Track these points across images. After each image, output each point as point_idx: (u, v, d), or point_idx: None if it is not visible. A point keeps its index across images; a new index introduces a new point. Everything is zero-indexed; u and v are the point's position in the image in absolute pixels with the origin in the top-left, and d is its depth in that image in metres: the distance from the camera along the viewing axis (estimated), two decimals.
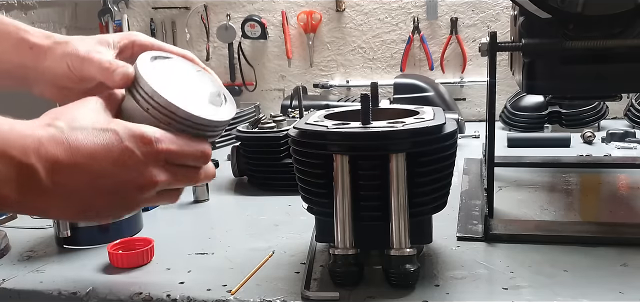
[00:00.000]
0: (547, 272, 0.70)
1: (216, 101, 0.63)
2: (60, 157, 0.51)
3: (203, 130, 0.60)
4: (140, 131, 0.55)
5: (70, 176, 0.51)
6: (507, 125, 1.69)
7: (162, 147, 0.56)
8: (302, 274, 0.72)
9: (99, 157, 0.53)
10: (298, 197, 0.74)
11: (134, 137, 0.54)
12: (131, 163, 0.54)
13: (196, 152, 0.59)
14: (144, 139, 0.55)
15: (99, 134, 0.53)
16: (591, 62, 0.83)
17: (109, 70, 0.61)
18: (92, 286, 0.71)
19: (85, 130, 0.53)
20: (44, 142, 0.51)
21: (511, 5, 0.93)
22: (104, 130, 0.54)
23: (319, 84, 2.12)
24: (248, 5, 2.15)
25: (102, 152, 0.53)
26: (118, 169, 0.54)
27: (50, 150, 0.50)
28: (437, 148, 0.67)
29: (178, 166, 0.59)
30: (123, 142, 0.54)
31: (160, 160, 0.56)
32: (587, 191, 1.14)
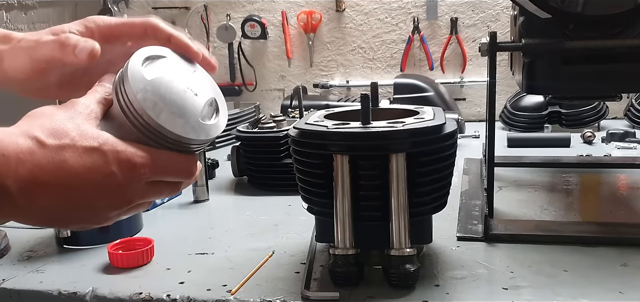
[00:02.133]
0: (547, 272, 0.70)
1: (208, 113, 0.61)
2: (40, 177, 0.48)
3: (192, 147, 0.58)
4: (126, 156, 0.52)
5: (47, 195, 0.49)
6: (507, 125, 1.69)
7: (145, 171, 0.53)
8: (302, 274, 0.72)
9: (82, 178, 0.50)
10: (298, 197, 0.74)
11: (120, 162, 0.52)
12: (111, 186, 0.52)
13: (181, 171, 0.57)
14: (130, 163, 0.52)
15: (86, 154, 0.50)
16: (591, 62, 0.83)
17: (66, 44, 0.57)
18: (92, 286, 0.71)
19: (72, 148, 0.50)
20: (24, 161, 0.48)
21: (511, 5, 0.93)
22: (92, 151, 0.51)
23: (319, 84, 2.12)
24: (248, 5, 2.15)
25: (86, 174, 0.50)
26: (97, 191, 0.51)
27: (30, 169, 0.48)
28: (437, 148, 0.67)
29: (159, 182, 0.56)
30: (109, 167, 0.51)
31: (141, 182, 0.54)
32: (587, 191, 1.14)
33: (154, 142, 0.54)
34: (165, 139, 0.55)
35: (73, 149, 0.50)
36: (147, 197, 0.56)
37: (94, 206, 0.52)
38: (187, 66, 0.63)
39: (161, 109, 0.56)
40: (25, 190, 0.48)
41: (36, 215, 0.51)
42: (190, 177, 0.58)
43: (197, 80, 0.63)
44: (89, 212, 0.53)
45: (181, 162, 0.57)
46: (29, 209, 0.49)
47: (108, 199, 0.53)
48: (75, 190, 0.50)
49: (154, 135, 0.55)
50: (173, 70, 0.61)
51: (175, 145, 0.56)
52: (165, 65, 0.61)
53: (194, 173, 0.58)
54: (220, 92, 0.64)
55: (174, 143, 0.56)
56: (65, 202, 0.50)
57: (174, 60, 0.63)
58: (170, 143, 0.56)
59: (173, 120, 0.56)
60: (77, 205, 0.51)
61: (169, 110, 0.57)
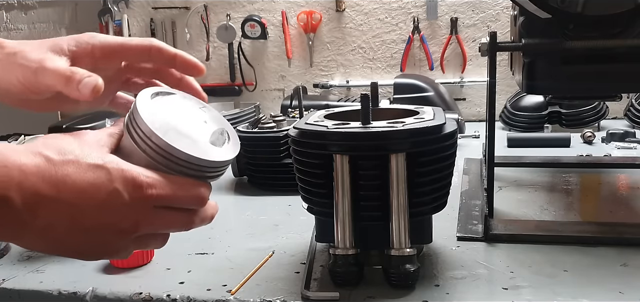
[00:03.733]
0: (547, 272, 0.70)
1: (218, 140, 0.60)
2: (44, 190, 0.48)
3: (203, 171, 0.57)
4: (132, 175, 0.51)
5: (50, 211, 0.48)
6: (507, 125, 1.69)
7: (152, 192, 0.52)
8: (302, 274, 0.72)
9: (86, 196, 0.49)
10: (298, 197, 0.74)
11: (125, 180, 0.51)
12: (116, 206, 0.50)
13: (191, 197, 0.55)
14: (136, 183, 0.51)
15: (89, 171, 0.50)
16: (591, 62, 0.83)
17: (72, 80, 0.55)
18: (92, 286, 0.71)
19: (76, 164, 0.50)
20: (27, 173, 0.47)
21: (511, 5, 0.93)
22: (95, 167, 0.50)
23: (319, 84, 2.12)
24: (248, 5, 2.15)
25: (89, 190, 0.49)
26: (101, 211, 0.50)
27: (34, 182, 0.47)
28: (437, 148, 0.67)
29: (168, 210, 0.55)
30: (113, 184, 0.50)
31: (147, 205, 0.52)
32: (587, 191, 1.14)
33: (163, 167, 0.54)
34: (174, 161, 0.54)
35: (77, 164, 0.50)
36: (156, 225, 0.54)
37: (99, 228, 0.51)
38: (196, 102, 0.64)
39: (169, 129, 0.56)
40: (28, 204, 0.47)
41: (41, 235, 0.49)
42: (201, 204, 0.57)
43: (207, 113, 0.63)
44: (95, 237, 0.51)
45: (191, 188, 0.55)
46: (33, 226, 0.48)
47: (113, 221, 0.51)
48: (79, 207, 0.49)
49: (163, 157, 0.54)
50: (182, 101, 0.63)
51: (186, 168, 0.55)
52: (174, 98, 0.62)
53: (205, 200, 0.56)
54: (230, 126, 0.63)
55: (183, 166, 0.55)
56: (69, 220, 0.49)
57: (182, 96, 0.64)
58: (180, 166, 0.55)
59: (181, 141, 0.56)
60: (82, 226, 0.50)
61: (177, 131, 0.57)
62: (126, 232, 0.52)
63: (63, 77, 0.56)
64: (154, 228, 0.54)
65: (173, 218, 0.55)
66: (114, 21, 2.19)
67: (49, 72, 0.57)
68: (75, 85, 0.55)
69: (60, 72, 0.56)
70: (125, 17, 2.20)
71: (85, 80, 0.55)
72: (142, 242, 0.55)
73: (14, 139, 1.47)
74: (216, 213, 0.60)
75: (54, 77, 0.57)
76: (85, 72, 0.56)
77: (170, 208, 0.55)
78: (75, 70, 0.56)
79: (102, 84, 0.55)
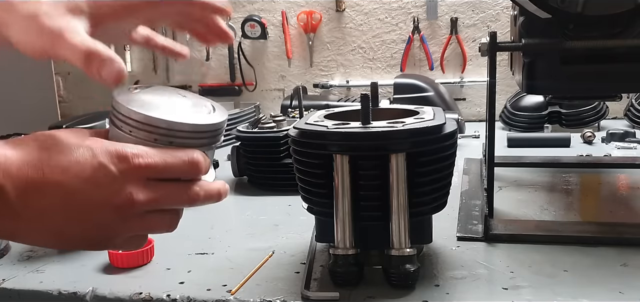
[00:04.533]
0: (547, 272, 0.70)
1: (202, 110, 0.60)
2: (30, 174, 0.47)
3: (190, 138, 0.55)
4: (115, 148, 0.50)
5: (39, 194, 0.47)
6: (507, 125, 1.69)
7: (139, 161, 0.50)
8: (302, 274, 0.72)
9: (71, 173, 0.48)
10: (298, 197, 0.74)
11: (109, 153, 0.50)
12: (105, 181, 0.49)
13: (183, 163, 0.53)
14: (120, 155, 0.50)
15: (71, 150, 0.49)
16: (591, 62, 0.83)
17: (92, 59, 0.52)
18: (92, 286, 0.71)
19: (57, 147, 0.49)
20: (12, 160, 0.47)
21: (511, 5, 0.93)
22: (77, 147, 0.50)
23: (319, 84, 2.12)
24: (248, 5, 2.15)
25: (74, 167, 0.48)
26: (90, 187, 0.49)
27: (19, 167, 0.47)
28: (437, 148, 0.67)
29: (164, 183, 0.53)
30: (97, 159, 0.49)
31: (139, 177, 0.51)
32: (587, 191, 1.14)
33: (151, 143, 0.53)
34: (158, 133, 0.53)
35: (58, 147, 0.49)
36: (154, 198, 0.52)
37: (93, 207, 0.50)
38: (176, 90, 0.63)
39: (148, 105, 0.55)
40: (18, 190, 0.46)
41: (38, 225, 0.49)
42: (196, 170, 0.54)
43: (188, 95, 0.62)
44: (91, 219, 0.50)
45: (181, 154, 0.53)
46: (27, 216, 0.47)
47: (104, 196, 0.49)
48: (66, 187, 0.48)
49: (147, 132, 0.53)
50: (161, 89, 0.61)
51: (172, 138, 0.54)
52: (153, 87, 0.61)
53: (199, 164, 0.54)
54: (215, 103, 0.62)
55: (169, 136, 0.54)
56: (60, 202, 0.48)
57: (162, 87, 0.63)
58: (165, 137, 0.53)
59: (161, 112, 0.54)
60: (75, 207, 0.49)
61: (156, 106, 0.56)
62: (122, 208, 0.50)
63: (83, 54, 0.53)
64: (153, 203, 0.52)
65: (171, 190, 0.53)
66: None
67: (68, 46, 0.53)
68: (96, 68, 0.52)
69: (81, 50, 0.53)
70: None
71: (108, 68, 0.52)
72: (146, 222, 0.53)
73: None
74: (226, 191, 0.56)
75: (73, 53, 0.53)
76: (107, 53, 0.53)
77: (166, 181, 0.52)
78: (95, 50, 0.52)
79: (126, 72, 0.53)
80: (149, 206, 0.52)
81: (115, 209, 0.50)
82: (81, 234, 0.51)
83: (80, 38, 0.54)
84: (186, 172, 0.53)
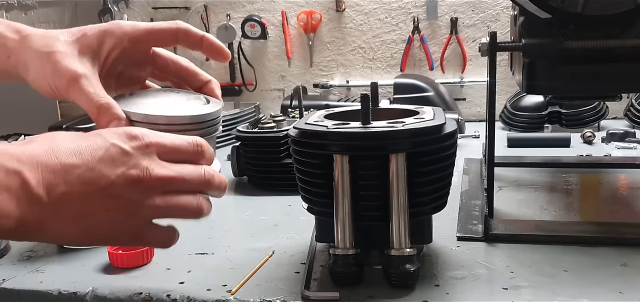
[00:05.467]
0: (547, 272, 0.70)
1: (197, 103, 0.62)
2: (45, 160, 0.48)
3: (191, 129, 0.58)
4: (124, 130, 0.52)
5: (58, 178, 0.48)
6: (507, 125, 1.69)
7: (149, 140, 0.52)
8: (302, 274, 0.72)
9: (85, 155, 0.49)
10: (298, 197, 0.74)
11: (118, 134, 0.52)
12: (120, 157, 0.50)
13: (188, 144, 0.55)
14: (130, 134, 0.52)
15: (81, 138, 0.51)
16: (591, 62, 0.83)
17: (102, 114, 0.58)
18: (92, 286, 0.71)
19: (66, 136, 0.51)
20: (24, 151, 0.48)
21: (511, 5, 0.93)
22: (86, 136, 0.51)
23: (319, 84, 2.12)
24: (248, 5, 2.15)
25: (86, 150, 0.50)
26: (106, 164, 0.50)
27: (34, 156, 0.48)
28: (437, 148, 0.67)
29: (176, 164, 0.54)
30: (108, 139, 0.51)
31: (151, 153, 0.52)
32: (587, 191, 1.14)
33: None
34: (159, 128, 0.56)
35: (68, 137, 0.50)
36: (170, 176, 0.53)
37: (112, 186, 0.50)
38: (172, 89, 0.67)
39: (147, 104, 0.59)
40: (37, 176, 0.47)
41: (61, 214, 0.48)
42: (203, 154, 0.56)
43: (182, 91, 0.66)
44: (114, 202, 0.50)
45: (185, 137, 0.55)
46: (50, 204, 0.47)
47: (122, 172, 0.50)
48: (84, 167, 0.49)
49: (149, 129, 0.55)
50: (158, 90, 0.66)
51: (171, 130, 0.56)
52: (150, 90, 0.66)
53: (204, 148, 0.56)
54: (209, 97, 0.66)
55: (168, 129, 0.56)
56: (80, 185, 0.49)
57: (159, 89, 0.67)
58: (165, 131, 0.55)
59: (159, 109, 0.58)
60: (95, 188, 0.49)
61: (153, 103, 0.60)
62: (141, 181, 0.51)
63: (95, 107, 0.57)
64: (169, 180, 0.53)
65: (183, 169, 0.54)
66: None
67: (82, 94, 0.58)
68: (106, 119, 0.57)
69: (93, 101, 0.57)
70: (125, 17, 2.20)
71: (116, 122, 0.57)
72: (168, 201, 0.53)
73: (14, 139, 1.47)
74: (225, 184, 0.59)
75: (85, 102, 0.58)
76: (116, 110, 0.58)
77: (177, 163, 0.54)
78: (107, 105, 0.57)
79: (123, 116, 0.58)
80: (166, 183, 0.53)
81: (134, 183, 0.51)
82: (106, 218, 0.51)
83: (94, 89, 0.58)
84: (192, 153, 0.55)
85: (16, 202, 0.46)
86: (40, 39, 0.60)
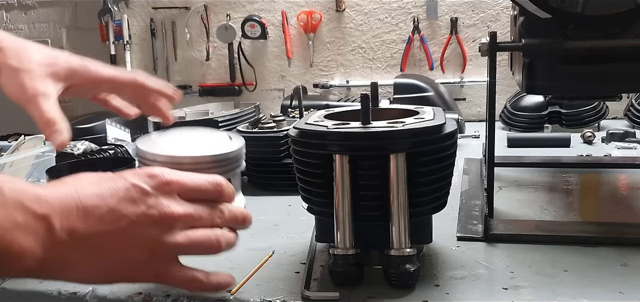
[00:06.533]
0: (547, 272, 0.70)
1: (219, 141, 0.65)
2: (68, 203, 0.50)
3: (214, 167, 0.62)
4: (144, 170, 0.54)
5: (80, 220, 0.50)
6: (507, 125, 1.69)
7: (169, 178, 0.54)
8: (302, 274, 0.72)
9: (106, 196, 0.51)
10: (298, 197, 0.74)
11: (138, 174, 0.54)
12: (140, 197, 0.52)
13: (207, 182, 0.57)
14: (150, 174, 0.54)
15: (102, 179, 0.53)
16: (591, 62, 0.83)
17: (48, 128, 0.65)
18: (92, 286, 0.71)
19: (90, 178, 0.53)
20: (49, 193, 0.50)
21: (511, 5, 0.93)
22: (109, 177, 0.53)
23: (319, 84, 2.12)
24: (248, 5, 2.15)
25: (107, 191, 0.52)
26: (126, 204, 0.52)
27: (58, 199, 0.50)
28: (437, 148, 0.67)
29: (195, 202, 0.56)
30: (128, 180, 0.53)
31: (171, 192, 0.54)
32: (587, 191, 1.14)
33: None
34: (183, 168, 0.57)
35: (89, 179, 0.53)
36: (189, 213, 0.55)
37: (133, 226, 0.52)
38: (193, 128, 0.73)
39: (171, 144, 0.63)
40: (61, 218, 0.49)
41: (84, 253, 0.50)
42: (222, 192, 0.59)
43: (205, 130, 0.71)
44: (136, 242, 0.52)
45: (204, 176, 0.58)
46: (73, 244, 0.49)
47: (142, 212, 0.52)
48: (105, 208, 0.51)
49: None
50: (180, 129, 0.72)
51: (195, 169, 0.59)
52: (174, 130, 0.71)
53: (223, 187, 0.59)
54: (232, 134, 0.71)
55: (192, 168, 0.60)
56: (102, 225, 0.50)
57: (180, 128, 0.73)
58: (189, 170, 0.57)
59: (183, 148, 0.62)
60: (117, 229, 0.51)
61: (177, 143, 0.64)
62: (162, 220, 0.53)
63: (44, 121, 0.66)
64: (189, 217, 0.55)
65: (202, 207, 0.56)
66: (114, 21, 2.19)
67: (37, 110, 0.66)
68: (50, 133, 0.66)
69: (44, 117, 0.66)
70: (125, 17, 2.20)
71: (58, 134, 0.65)
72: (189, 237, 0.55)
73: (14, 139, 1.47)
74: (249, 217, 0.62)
75: (37, 115, 0.66)
76: (61, 125, 0.66)
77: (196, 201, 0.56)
78: (53, 120, 0.66)
79: (68, 141, 0.67)
80: (186, 220, 0.55)
81: (156, 223, 0.53)
82: (128, 257, 0.53)
83: (47, 105, 0.66)
84: (212, 191, 0.58)
85: (41, 245, 0.48)
86: (14, 54, 0.68)
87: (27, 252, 0.47)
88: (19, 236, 0.46)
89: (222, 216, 0.58)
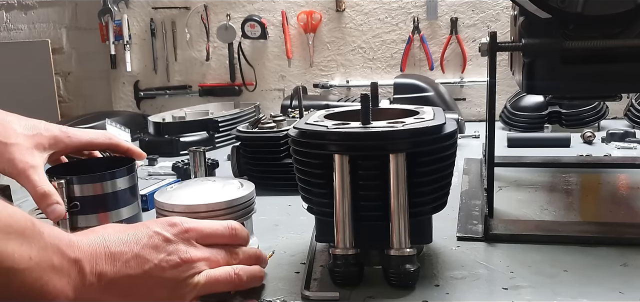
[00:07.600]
0: (547, 272, 0.70)
1: (232, 188, 0.73)
2: (97, 249, 0.55)
3: (228, 213, 0.69)
4: (166, 219, 0.61)
5: (108, 265, 0.55)
6: (507, 125, 1.69)
7: (188, 226, 0.60)
8: (302, 274, 0.72)
9: (131, 243, 0.57)
10: (298, 197, 0.74)
11: (160, 223, 0.60)
12: (161, 244, 0.58)
13: (223, 227, 0.63)
14: (170, 222, 0.60)
15: (128, 228, 0.59)
16: (591, 62, 0.83)
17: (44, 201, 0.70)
18: None
19: (116, 227, 0.59)
20: (79, 239, 0.55)
21: (511, 5, 0.93)
22: (131, 227, 0.59)
23: (319, 84, 2.12)
24: (248, 5, 2.15)
25: (132, 239, 0.57)
26: (149, 251, 0.57)
27: (89, 245, 0.55)
28: (437, 148, 0.67)
29: (213, 246, 0.62)
30: (151, 228, 0.59)
31: (189, 238, 0.60)
32: (587, 191, 1.14)
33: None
34: (199, 216, 0.65)
35: (116, 228, 0.59)
36: (206, 256, 0.60)
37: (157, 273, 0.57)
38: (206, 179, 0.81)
39: (187, 195, 0.70)
40: (91, 263, 0.54)
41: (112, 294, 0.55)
42: (236, 236, 0.65)
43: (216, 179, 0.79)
44: (159, 285, 0.57)
45: (220, 221, 0.65)
46: (102, 287, 0.54)
47: (164, 258, 0.57)
48: (130, 254, 0.56)
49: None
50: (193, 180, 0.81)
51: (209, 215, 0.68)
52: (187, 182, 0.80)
53: (238, 230, 0.65)
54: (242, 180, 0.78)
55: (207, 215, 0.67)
56: (127, 270, 0.55)
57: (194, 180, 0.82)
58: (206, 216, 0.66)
59: (199, 198, 0.69)
60: (140, 273, 0.56)
61: (193, 193, 0.71)
62: (181, 265, 0.58)
63: (39, 194, 0.71)
64: (206, 260, 0.60)
65: (221, 251, 0.63)
66: (114, 21, 2.19)
67: (29, 183, 0.71)
68: (45, 206, 0.70)
69: (38, 191, 0.71)
70: (125, 17, 2.20)
71: (53, 208, 0.71)
72: (208, 277, 0.60)
73: None
74: (263, 258, 0.69)
75: (32, 189, 0.71)
76: (55, 198, 0.71)
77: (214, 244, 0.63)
78: (48, 194, 0.71)
79: (64, 214, 0.73)
80: (204, 263, 0.60)
81: (176, 266, 0.58)
82: (151, 297, 0.57)
83: (39, 178, 0.72)
84: (227, 235, 0.64)
85: (73, 287, 0.52)
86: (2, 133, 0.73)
87: (61, 294, 0.51)
88: (55, 277, 0.50)
89: (237, 257, 0.64)
